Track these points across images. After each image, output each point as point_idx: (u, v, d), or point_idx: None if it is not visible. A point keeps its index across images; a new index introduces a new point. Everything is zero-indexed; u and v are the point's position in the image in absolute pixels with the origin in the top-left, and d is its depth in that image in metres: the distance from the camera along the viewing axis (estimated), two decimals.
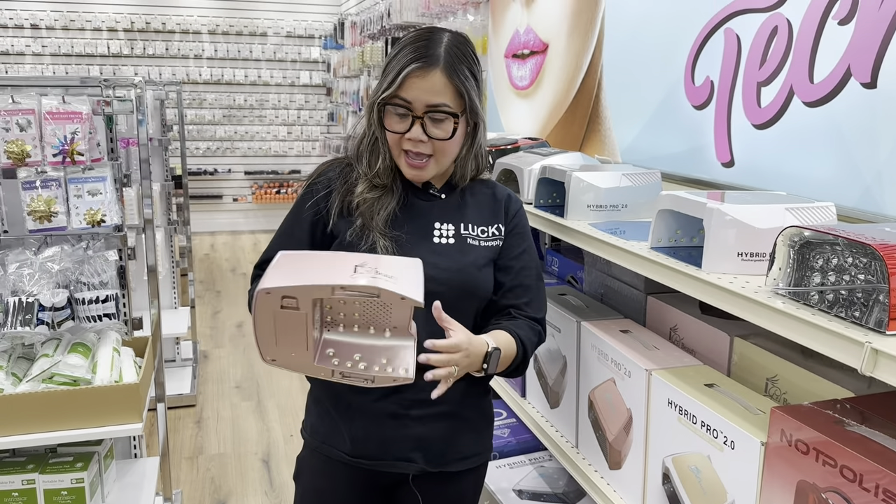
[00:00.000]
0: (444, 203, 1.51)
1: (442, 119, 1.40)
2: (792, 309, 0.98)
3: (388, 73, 1.41)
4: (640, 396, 1.39)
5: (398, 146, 1.43)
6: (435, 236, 1.48)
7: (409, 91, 1.38)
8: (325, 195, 1.49)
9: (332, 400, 1.50)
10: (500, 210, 1.54)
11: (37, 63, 8.21)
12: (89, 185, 1.99)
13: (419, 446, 1.47)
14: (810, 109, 1.51)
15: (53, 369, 1.95)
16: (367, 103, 1.47)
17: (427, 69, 1.38)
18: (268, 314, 1.19)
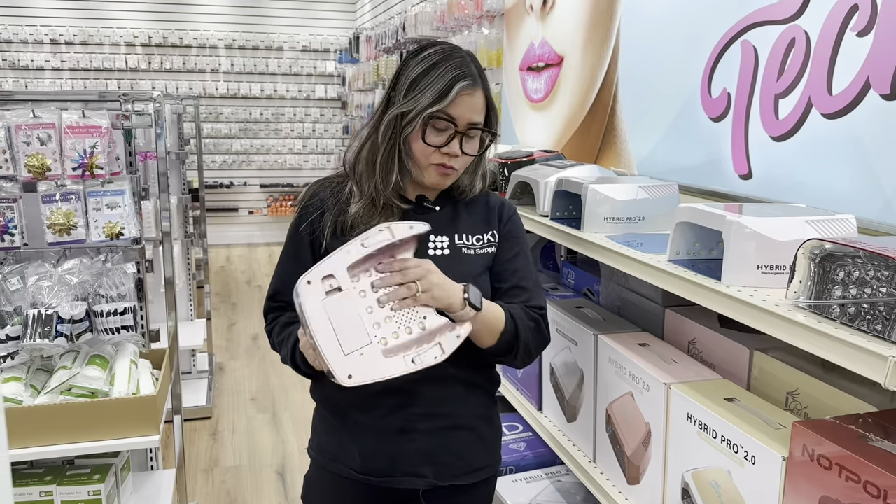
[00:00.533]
0: (438, 215, 1.50)
1: (475, 136, 1.43)
2: (813, 322, 0.97)
3: (427, 87, 1.39)
4: (658, 410, 1.37)
5: (427, 159, 1.42)
6: (430, 249, 1.47)
7: (457, 108, 1.39)
8: (318, 216, 1.48)
9: (340, 418, 1.49)
10: (493, 217, 1.55)
11: (56, 77, 8.32)
12: (108, 198, 2.01)
13: (429, 460, 1.46)
14: (829, 121, 1.50)
15: (72, 381, 1.96)
16: (387, 113, 1.44)
17: (474, 87, 1.40)
18: (319, 311, 1.23)
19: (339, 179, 1.52)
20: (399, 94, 1.43)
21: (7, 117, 1.96)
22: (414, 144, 1.42)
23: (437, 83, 1.38)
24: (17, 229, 1.99)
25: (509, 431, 2.20)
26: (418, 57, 1.44)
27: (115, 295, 2.05)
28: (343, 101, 8.93)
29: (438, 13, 4.52)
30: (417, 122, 1.39)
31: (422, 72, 1.40)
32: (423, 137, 1.40)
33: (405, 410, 1.44)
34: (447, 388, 1.47)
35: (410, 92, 1.41)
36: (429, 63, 1.41)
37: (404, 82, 1.43)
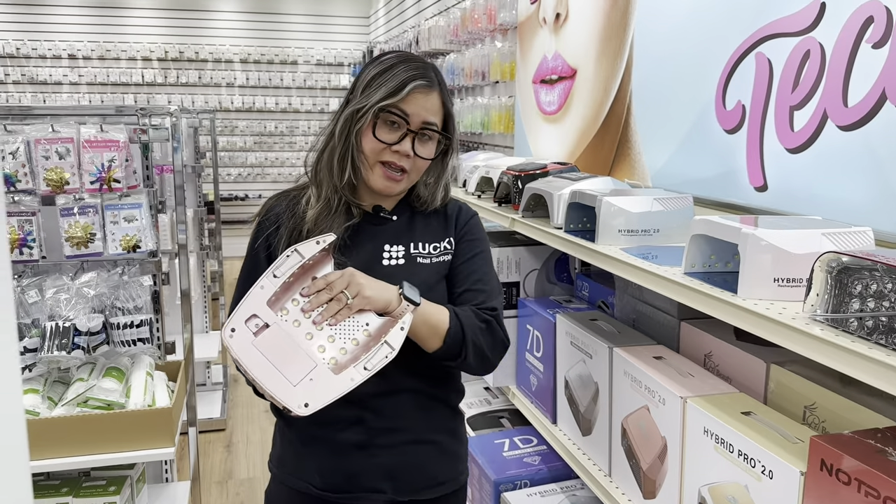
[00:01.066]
0: (395, 225, 1.50)
1: (430, 138, 1.43)
2: (831, 336, 0.96)
3: (382, 83, 1.39)
4: (675, 424, 1.37)
5: (377, 156, 1.42)
6: (385, 259, 1.47)
7: (411, 104, 1.39)
8: (274, 230, 1.46)
9: (297, 432, 1.48)
10: (450, 224, 1.55)
11: (73, 92, 8.42)
12: (125, 211, 2.03)
13: (388, 476, 1.45)
14: (845, 133, 1.50)
15: (88, 393, 1.97)
16: (343, 111, 1.44)
17: (429, 88, 1.41)
18: (252, 353, 1.21)
19: (297, 192, 1.51)
20: (356, 94, 1.43)
21: (26, 132, 1.99)
22: (364, 140, 1.41)
23: (392, 81, 1.39)
24: (36, 242, 2.01)
25: (523, 445, 2.20)
26: (377, 60, 1.45)
27: (131, 307, 2.07)
28: None
29: (452, 27, 4.54)
30: (368, 115, 1.39)
31: (378, 72, 1.42)
32: (374, 132, 1.40)
33: (363, 425, 1.43)
34: (406, 401, 1.46)
35: (366, 90, 1.41)
36: (386, 65, 1.42)
37: (361, 83, 1.43)
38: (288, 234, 1.44)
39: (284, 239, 1.44)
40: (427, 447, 1.49)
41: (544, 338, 1.99)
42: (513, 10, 3.54)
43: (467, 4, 4.21)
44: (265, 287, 1.25)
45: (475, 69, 4.15)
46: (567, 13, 2.80)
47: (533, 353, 2.07)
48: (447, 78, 4.75)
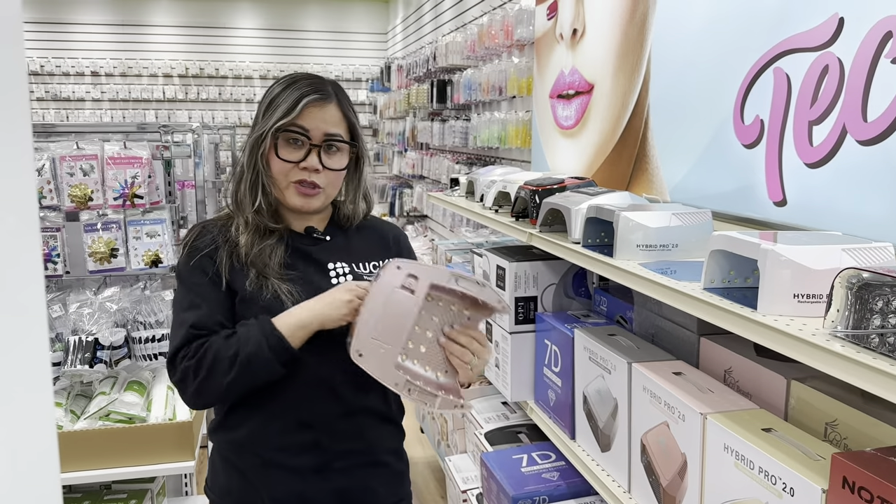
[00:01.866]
0: (330, 245, 1.51)
1: (337, 150, 1.44)
2: (852, 352, 0.96)
3: (277, 105, 1.40)
4: (695, 441, 1.36)
5: (286, 177, 1.42)
6: (332, 276, 1.47)
7: (307, 119, 1.40)
8: (209, 253, 1.42)
9: (246, 458, 1.44)
10: (388, 244, 1.58)
11: (96, 109, 8.55)
12: (148, 227, 2.06)
13: (341, 500, 1.45)
14: (864, 148, 1.49)
15: (110, 407, 2.00)
16: (249, 139, 1.44)
17: (324, 101, 1.42)
18: (384, 293, 1.28)
19: (223, 221, 1.49)
20: (258, 119, 1.44)
21: (51, 149, 2.03)
22: (271, 163, 1.42)
23: (286, 100, 1.40)
24: (60, 258, 2.05)
25: (541, 460, 2.19)
26: (276, 83, 1.46)
27: (153, 321, 2.09)
28: (374, 128, 9.03)
29: (469, 42, 4.57)
30: (268, 138, 1.39)
31: (277, 93, 1.43)
32: (277, 153, 1.40)
33: (320, 449, 1.42)
34: (362, 421, 1.47)
35: (265, 114, 1.42)
36: (283, 85, 1.44)
37: (262, 107, 1.45)
38: (228, 256, 1.41)
39: (226, 261, 1.41)
40: (379, 469, 1.51)
41: (562, 353, 1.98)
42: (529, 25, 3.56)
43: (484, 20, 4.24)
44: (444, 275, 1.31)
45: (492, 84, 4.17)
46: (584, 29, 2.81)
47: (551, 367, 2.07)
48: (464, 93, 4.77)
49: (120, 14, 8.54)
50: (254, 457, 1.42)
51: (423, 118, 6.10)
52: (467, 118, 4.93)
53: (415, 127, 6.39)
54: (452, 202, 2.95)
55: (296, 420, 1.40)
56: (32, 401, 0.47)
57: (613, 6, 2.56)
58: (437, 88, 5.36)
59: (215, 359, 1.32)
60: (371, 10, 9.17)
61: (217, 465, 1.50)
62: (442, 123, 5.45)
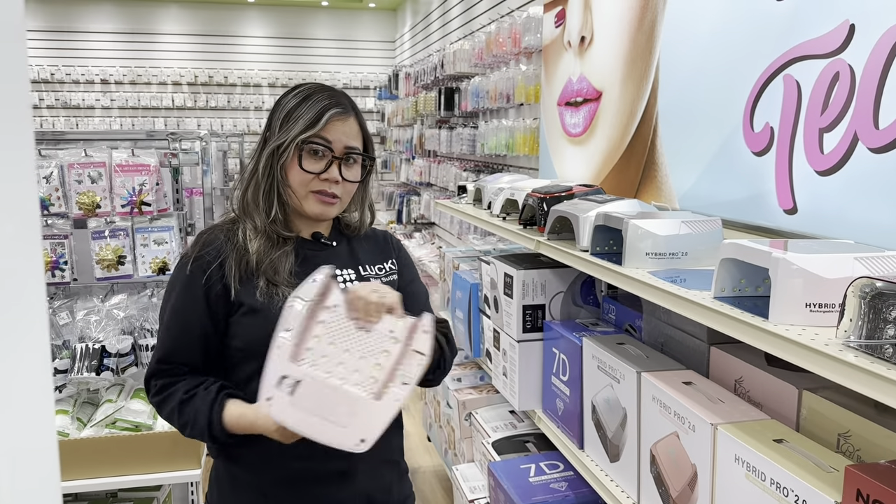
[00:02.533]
0: (336, 251, 1.53)
1: (355, 162, 1.48)
2: (865, 363, 0.94)
3: (299, 117, 1.41)
4: (705, 452, 1.34)
5: (306, 187, 1.44)
6: (339, 282, 1.48)
7: (331, 132, 1.43)
8: (217, 266, 1.40)
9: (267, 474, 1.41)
10: (388, 247, 1.63)
11: (105, 116, 8.60)
12: (155, 234, 2.06)
13: (367, 501, 1.47)
14: (876, 155, 1.47)
15: (116, 415, 1.99)
16: (265, 148, 1.44)
17: (345, 114, 1.45)
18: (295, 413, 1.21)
19: (229, 224, 1.48)
20: (274, 129, 1.45)
21: (60, 156, 2.03)
22: (291, 173, 1.43)
23: (309, 112, 1.41)
24: (68, 265, 2.05)
25: (550, 470, 2.17)
26: (290, 94, 1.48)
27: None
28: (382, 136, 9.05)
29: (476, 50, 4.57)
30: (291, 149, 1.40)
31: (294, 105, 1.44)
32: (301, 164, 1.42)
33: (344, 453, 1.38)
34: None
35: (284, 124, 1.43)
36: (300, 97, 1.45)
37: (278, 117, 1.45)
38: (237, 265, 1.41)
39: (235, 272, 1.40)
40: (393, 468, 1.55)
41: (570, 361, 1.97)
42: (537, 33, 3.56)
43: (492, 28, 4.24)
44: (282, 346, 1.23)
45: (500, 92, 4.17)
46: (592, 36, 2.81)
47: (559, 376, 2.06)
48: (472, 100, 4.77)
49: (129, 22, 8.60)
50: (279, 470, 1.41)
51: (431, 126, 6.10)
52: (475, 126, 4.92)
53: (422, 134, 6.40)
54: (460, 209, 2.95)
55: None
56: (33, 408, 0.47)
57: (622, 13, 2.55)
58: (444, 96, 5.36)
59: (172, 416, 1.39)
60: (379, 18, 9.20)
61: (225, 485, 1.47)
62: (450, 131, 5.45)
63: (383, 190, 8.14)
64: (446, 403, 3.02)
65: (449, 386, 2.95)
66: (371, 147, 1.53)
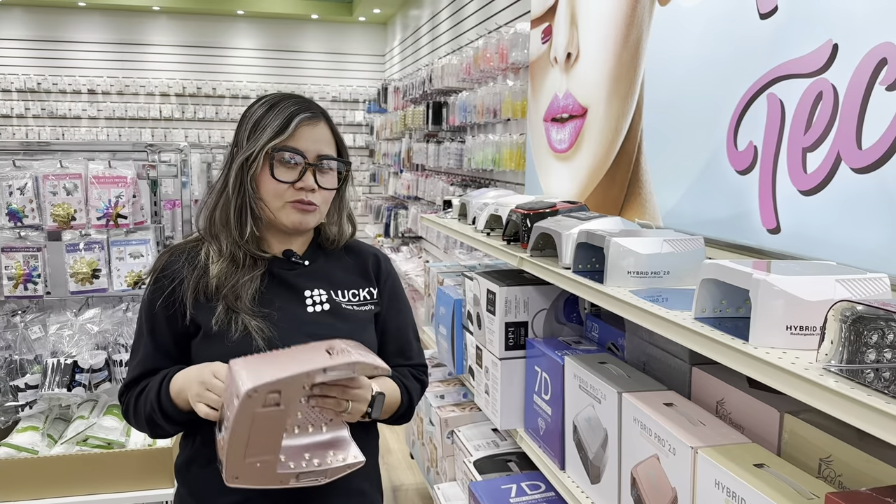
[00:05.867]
0: (309, 270, 1.46)
1: (330, 169, 1.41)
2: (846, 389, 0.92)
3: (266, 125, 1.36)
4: (685, 475, 1.32)
5: (281, 198, 1.38)
6: (308, 305, 1.43)
7: (301, 140, 1.37)
8: (176, 286, 1.37)
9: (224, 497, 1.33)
10: (368, 271, 1.53)
11: (92, 126, 8.55)
12: (132, 247, 2.02)
13: None
14: (859, 176, 1.46)
15: (88, 431, 1.95)
16: (233, 162, 1.39)
17: (315, 119, 1.39)
18: (247, 419, 1.14)
19: (192, 244, 1.45)
20: (242, 141, 1.40)
21: (35, 167, 2.00)
22: (263, 185, 1.38)
23: (276, 119, 1.36)
24: (41, 278, 2.01)
25: (531, 491, 2.14)
26: (256, 104, 1.43)
27: None
28: (371, 149, 9.04)
29: (464, 65, 4.57)
30: (261, 159, 1.35)
31: (261, 114, 1.39)
32: (273, 173, 1.36)
33: None
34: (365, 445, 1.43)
35: (252, 135, 1.38)
36: (267, 105, 1.40)
37: (245, 128, 1.40)
38: (193, 289, 1.36)
39: (190, 293, 1.36)
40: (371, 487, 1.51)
41: (552, 380, 1.94)
42: (524, 49, 3.56)
43: (480, 43, 4.24)
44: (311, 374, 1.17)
45: (487, 107, 4.16)
46: (578, 53, 2.81)
47: (541, 395, 2.03)
48: (459, 115, 4.77)
49: (117, 32, 8.57)
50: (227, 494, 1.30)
51: (419, 139, 6.10)
52: (462, 140, 4.92)
53: (410, 148, 6.39)
54: (445, 224, 2.92)
55: None
56: None
57: (607, 31, 2.55)
58: (432, 110, 5.36)
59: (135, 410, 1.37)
60: (369, 32, 9.21)
61: None
62: (437, 145, 5.44)
63: (371, 203, 8.11)
64: (429, 420, 2.98)
65: (431, 403, 2.91)
66: (345, 152, 1.47)
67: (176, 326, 1.37)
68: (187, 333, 1.37)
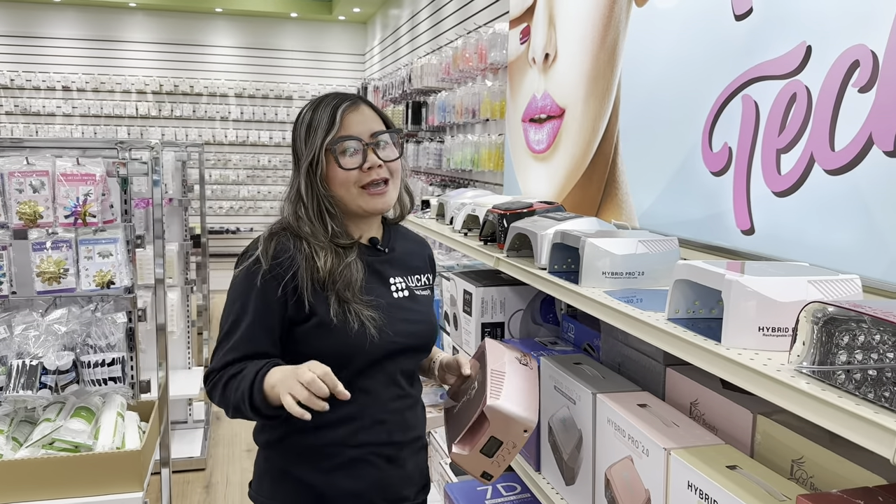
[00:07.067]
0: (389, 258, 1.58)
1: (386, 143, 1.50)
2: (817, 390, 0.92)
3: (317, 126, 1.46)
4: (658, 477, 1.31)
5: (355, 185, 1.47)
6: (393, 292, 1.54)
7: (351, 126, 1.46)
8: (292, 276, 1.43)
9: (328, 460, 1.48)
10: (426, 259, 1.69)
11: (66, 124, 8.42)
12: (101, 246, 1.98)
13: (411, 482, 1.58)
14: (832, 177, 1.47)
15: (54, 434, 1.91)
16: (301, 171, 1.47)
17: (356, 105, 1.49)
18: None
19: (292, 231, 1.50)
20: (300, 148, 1.49)
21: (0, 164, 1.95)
22: (333, 180, 1.47)
23: (324, 117, 1.46)
24: (6, 277, 1.96)
25: (506, 492, 2.13)
26: (303, 112, 1.52)
27: (103, 345, 2.01)
28: None
29: (444, 65, 4.56)
30: (322, 157, 1.45)
31: (309, 118, 1.49)
32: (339, 164, 1.45)
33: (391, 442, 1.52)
34: (415, 409, 1.60)
35: (307, 138, 1.47)
36: (312, 108, 1.50)
37: (300, 135, 1.50)
38: (309, 277, 1.43)
39: (308, 281, 1.42)
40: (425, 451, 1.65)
41: None
42: (503, 49, 3.55)
43: (459, 43, 4.23)
44: None
45: (466, 107, 4.15)
46: (556, 53, 2.80)
47: None
48: (439, 115, 4.75)
49: (93, 29, 8.45)
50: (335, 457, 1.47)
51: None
52: (441, 140, 4.90)
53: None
54: (423, 224, 2.91)
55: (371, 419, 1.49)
56: None
57: (585, 31, 2.54)
58: (412, 110, 5.34)
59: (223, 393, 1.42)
60: (349, 31, 9.17)
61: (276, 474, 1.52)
62: (417, 145, 5.42)
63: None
64: None
65: None
66: (393, 126, 1.55)
67: (286, 312, 1.43)
68: (297, 320, 1.43)
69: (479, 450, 1.37)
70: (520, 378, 1.46)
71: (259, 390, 1.34)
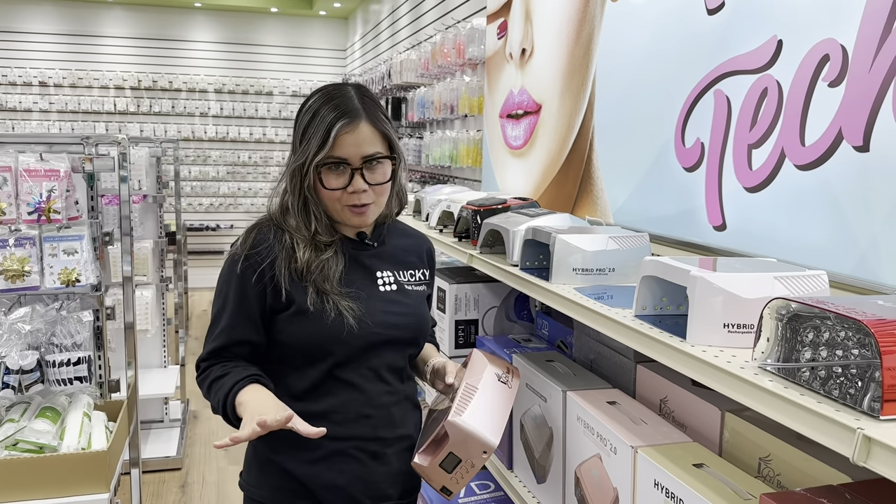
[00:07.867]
0: (377, 252, 1.57)
1: (379, 164, 1.47)
2: (779, 388, 0.90)
3: (311, 136, 1.43)
4: (626, 475, 1.30)
5: (339, 201, 1.46)
6: (380, 285, 1.54)
7: (342, 148, 1.43)
8: (269, 264, 1.45)
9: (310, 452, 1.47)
10: (422, 254, 1.67)
11: (43, 120, 8.31)
12: (65, 243, 1.94)
13: (394, 482, 1.54)
14: (802, 173, 1.46)
15: (18, 435, 1.87)
16: (290, 168, 1.48)
17: (354, 123, 1.44)
18: None
19: (275, 223, 1.52)
20: (296, 146, 1.49)
21: None
22: (318, 193, 1.47)
23: (319, 130, 1.43)
24: None
25: (480, 490, 2.11)
26: (305, 106, 1.49)
27: (69, 344, 1.97)
28: None
29: (423, 60, 4.53)
30: (311, 172, 1.44)
31: (308, 121, 1.46)
32: (324, 185, 1.45)
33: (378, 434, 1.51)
34: (404, 407, 1.58)
35: (302, 142, 1.46)
36: (312, 111, 1.47)
37: (298, 133, 1.48)
38: (286, 267, 1.44)
39: (286, 275, 1.44)
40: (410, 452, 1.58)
41: None
42: (481, 44, 3.53)
43: (437, 38, 4.20)
44: None
45: (444, 103, 4.13)
46: (532, 48, 2.78)
47: None
48: (418, 111, 4.72)
49: (70, 24, 8.34)
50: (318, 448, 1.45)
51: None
52: (420, 136, 4.88)
53: None
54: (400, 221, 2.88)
55: (356, 412, 1.49)
56: None
57: (561, 26, 2.53)
58: (392, 106, 5.30)
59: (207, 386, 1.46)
60: (330, 26, 9.11)
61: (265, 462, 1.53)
62: None
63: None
64: None
65: None
66: (393, 144, 1.51)
67: (266, 300, 1.45)
68: (277, 308, 1.45)
69: (439, 463, 1.35)
70: (491, 397, 1.43)
71: (231, 405, 1.39)
